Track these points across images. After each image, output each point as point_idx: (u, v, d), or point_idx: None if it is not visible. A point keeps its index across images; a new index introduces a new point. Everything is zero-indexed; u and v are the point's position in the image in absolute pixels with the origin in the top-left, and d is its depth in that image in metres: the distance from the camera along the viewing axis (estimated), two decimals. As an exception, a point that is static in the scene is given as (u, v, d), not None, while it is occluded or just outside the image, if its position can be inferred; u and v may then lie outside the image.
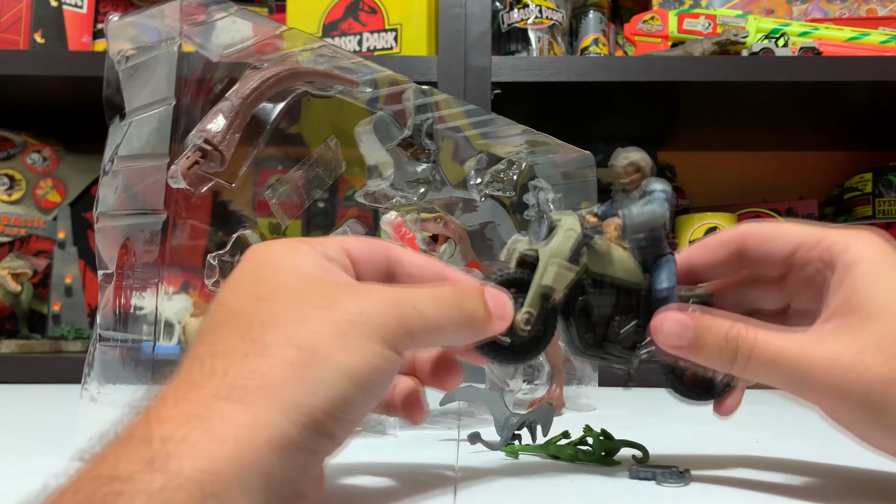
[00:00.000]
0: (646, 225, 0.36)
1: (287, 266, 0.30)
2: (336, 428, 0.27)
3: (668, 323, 0.35)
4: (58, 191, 1.18)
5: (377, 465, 0.42)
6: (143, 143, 0.46)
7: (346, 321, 0.28)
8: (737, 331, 0.34)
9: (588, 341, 0.37)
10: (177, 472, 0.22)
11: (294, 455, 0.25)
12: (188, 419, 0.24)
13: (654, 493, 0.36)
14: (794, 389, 0.33)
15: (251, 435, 0.24)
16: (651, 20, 1.06)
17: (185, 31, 0.46)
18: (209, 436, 0.23)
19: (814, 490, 0.37)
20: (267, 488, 0.24)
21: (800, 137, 1.24)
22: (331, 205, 1.07)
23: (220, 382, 0.25)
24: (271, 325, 0.27)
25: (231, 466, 0.23)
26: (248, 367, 0.26)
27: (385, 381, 0.29)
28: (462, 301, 0.32)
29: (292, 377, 0.26)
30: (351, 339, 0.27)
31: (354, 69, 0.54)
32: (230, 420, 0.24)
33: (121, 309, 0.46)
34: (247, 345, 0.27)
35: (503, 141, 0.71)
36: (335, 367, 0.26)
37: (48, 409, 0.71)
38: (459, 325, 0.32)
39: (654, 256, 0.38)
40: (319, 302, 0.28)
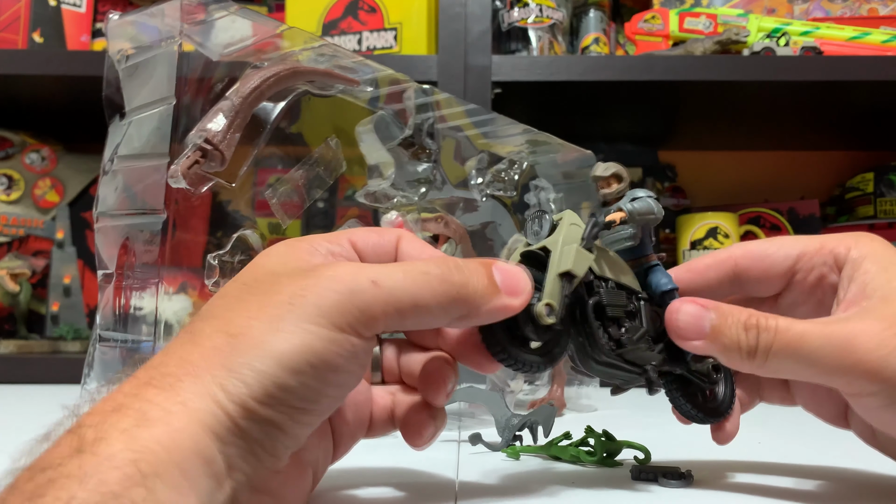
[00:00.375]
0: (645, 215, 0.35)
1: (267, 264, 0.29)
2: (276, 415, 0.25)
3: (685, 311, 0.33)
4: (56, 191, 1.18)
5: (378, 466, 0.41)
6: (142, 143, 0.46)
7: (283, 304, 0.26)
8: (756, 318, 0.32)
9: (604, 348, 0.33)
10: (109, 455, 0.21)
11: (236, 443, 0.24)
12: (117, 407, 0.23)
13: (656, 494, 0.36)
14: (820, 373, 0.32)
15: (180, 419, 0.23)
16: (652, 19, 1.06)
17: (185, 31, 0.45)
18: (138, 421, 0.23)
19: (815, 491, 0.37)
20: (212, 475, 0.23)
21: (801, 137, 1.24)
22: (331, 205, 1.07)
23: (153, 372, 0.25)
24: (212, 317, 0.27)
25: (165, 449, 0.22)
26: (178, 355, 0.26)
27: (337, 365, 0.26)
28: (451, 273, 0.29)
29: (219, 363, 0.25)
30: (286, 322, 0.26)
31: (355, 68, 0.54)
32: (158, 405, 0.24)
33: (120, 309, 0.46)
34: (184, 336, 0.27)
35: (504, 140, 0.71)
36: (264, 353, 0.25)
37: (47, 409, 0.71)
38: (446, 298, 0.28)
39: (645, 266, 0.37)
40: (266, 289, 0.27)
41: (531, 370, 0.32)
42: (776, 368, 0.32)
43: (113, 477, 0.21)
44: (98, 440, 0.22)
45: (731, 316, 0.33)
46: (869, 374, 0.31)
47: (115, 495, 0.20)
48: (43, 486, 0.20)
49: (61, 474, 0.20)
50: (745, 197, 1.25)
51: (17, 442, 0.26)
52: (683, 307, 0.34)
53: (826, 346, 0.31)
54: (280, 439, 0.26)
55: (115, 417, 0.23)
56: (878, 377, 0.30)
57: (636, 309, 0.36)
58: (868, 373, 0.31)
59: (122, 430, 0.22)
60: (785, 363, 0.32)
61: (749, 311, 0.33)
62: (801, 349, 0.31)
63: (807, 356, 0.31)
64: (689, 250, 1.08)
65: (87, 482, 0.20)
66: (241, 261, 0.48)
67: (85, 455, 0.21)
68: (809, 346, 0.31)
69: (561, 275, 0.32)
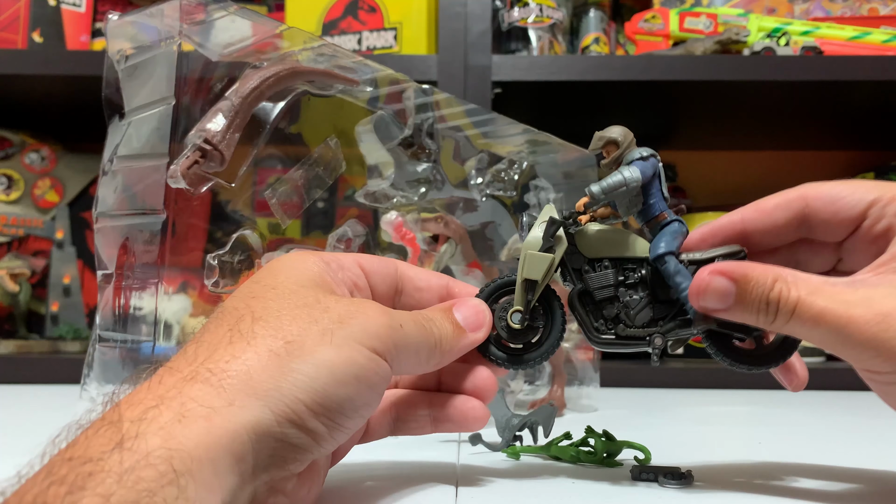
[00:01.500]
0: (612, 191, 0.35)
1: (286, 270, 0.31)
2: (316, 424, 0.26)
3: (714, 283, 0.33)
4: (56, 191, 1.18)
5: (378, 467, 0.41)
6: (142, 143, 0.45)
7: (335, 321, 0.28)
8: (778, 290, 0.32)
9: (599, 328, 0.36)
10: (146, 452, 0.22)
11: (269, 444, 0.25)
12: (160, 401, 0.24)
13: (656, 494, 0.35)
14: (836, 348, 0.32)
15: (224, 417, 0.24)
16: (652, 19, 1.06)
17: (185, 31, 0.45)
18: (179, 417, 0.23)
19: (815, 491, 0.37)
20: (239, 472, 0.24)
21: (801, 137, 1.24)
22: (331, 205, 1.07)
23: (199, 367, 0.26)
24: (261, 319, 0.28)
25: (201, 446, 0.23)
26: (230, 352, 0.26)
27: (373, 383, 0.29)
28: (431, 326, 0.33)
29: (275, 366, 0.26)
30: (337, 338, 0.28)
31: (354, 68, 0.54)
32: (201, 403, 0.24)
33: (120, 309, 0.46)
34: (233, 334, 0.27)
35: (504, 140, 0.71)
36: (317, 361, 0.27)
37: (46, 409, 0.71)
38: (431, 350, 0.33)
39: (657, 226, 0.37)
40: (312, 303, 0.29)
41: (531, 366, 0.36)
42: (797, 333, 0.33)
43: (149, 474, 0.21)
44: (137, 436, 0.22)
45: (757, 286, 0.33)
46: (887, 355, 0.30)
47: (150, 492, 0.21)
48: (83, 478, 0.21)
49: (101, 468, 0.21)
50: (746, 197, 1.23)
51: (16, 442, 0.26)
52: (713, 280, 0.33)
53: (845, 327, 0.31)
54: (311, 448, 0.27)
55: (154, 412, 0.23)
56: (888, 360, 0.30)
57: (640, 279, 0.37)
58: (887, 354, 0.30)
59: (160, 425, 0.23)
60: (803, 333, 0.33)
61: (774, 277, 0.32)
62: (819, 326, 0.31)
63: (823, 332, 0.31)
64: (689, 250, 1.08)
65: (124, 479, 0.21)
66: (240, 261, 0.48)
67: (124, 451, 0.22)
68: (827, 325, 0.31)
69: (523, 281, 0.36)
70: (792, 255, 0.38)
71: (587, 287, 0.36)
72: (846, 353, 0.32)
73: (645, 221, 0.37)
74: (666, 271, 0.36)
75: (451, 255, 0.62)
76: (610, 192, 0.36)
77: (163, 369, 0.26)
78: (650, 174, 0.36)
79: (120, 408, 0.24)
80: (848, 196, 0.35)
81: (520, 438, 0.45)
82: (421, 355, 0.32)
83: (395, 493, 0.35)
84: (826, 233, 0.37)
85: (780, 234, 0.37)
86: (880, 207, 0.34)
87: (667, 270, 0.36)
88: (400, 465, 0.42)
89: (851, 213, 0.35)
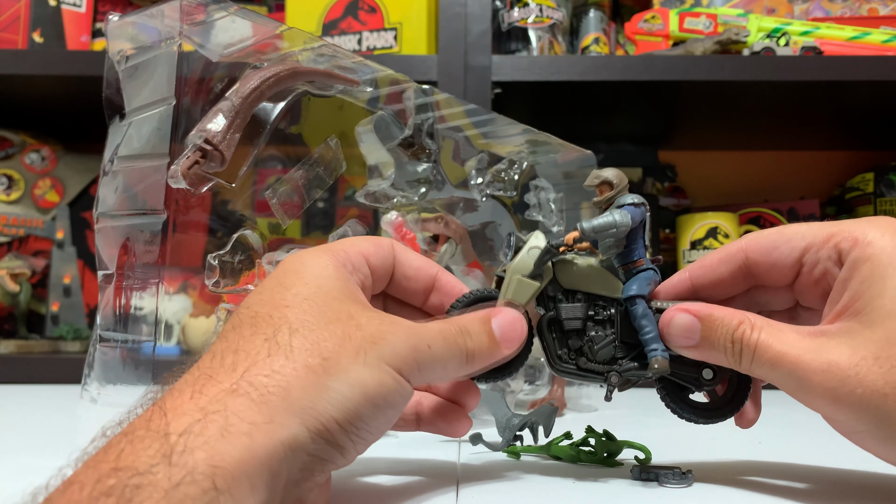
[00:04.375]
0: (602, 231, 0.37)
1: (310, 276, 0.32)
2: (345, 440, 0.27)
3: (677, 321, 0.36)
4: (56, 191, 1.18)
5: (379, 466, 0.41)
6: (143, 143, 0.45)
7: (368, 341, 0.29)
8: (742, 331, 0.34)
9: (562, 357, 0.38)
10: (191, 468, 0.22)
11: (302, 460, 0.26)
12: (204, 413, 0.24)
13: (657, 494, 0.36)
14: (794, 394, 0.33)
15: (265, 435, 0.24)
16: (652, 19, 1.06)
17: (185, 31, 0.45)
18: (223, 431, 0.24)
19: (815, 491, 0.37)
20: (272, 488, 0.25)
21: (801, 137, 1.24)
22: (331, 205, 1.07)
23: (240, 379, 0.26)
24: (298, 332, 0.28)
25: (241, 463, 0.23)
26: (270, 367, 0.27)
27: (396, 403, 0.30)
28: (466, 340, 0.33)
29: (312, 383, 0.27)
30: (370, 358, 0.29)
31: (354, 68, 0.54)
32: (245, 418, 0.24)
33: (121, 309, 0.46)
34: (271, 346, 0.28)
35: (504, 140, 0.71)
36: (352, 380, 0.27)
37: (47, 409, 0.71)
38: (460, 363, 0.33)
39: (633, 271, 0.38)
40: (345, 319, 0.30)
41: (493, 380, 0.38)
42: (761, 376, 0.34)
43: (193, 491, 0.22)
44: (185, 451, 0.23)
45: (721, 326, 0.35)
46: (837, 404, 0.31)
47: None
48: (131, 490, 0.21)
49: (149, 482, 0.22)
50: (745, 197, 1.25)
51: (17, 442, 0.26)
52: (676, 317, 0.36)
53: (798, 372, 0.32)
54: (337, 461, 0.28)
55: (200, 426, 0.24)
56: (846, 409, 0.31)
57: (610, 317, 0.38)
58: (837, 404, 0.31)
59: (205, 440, 0.23)
60: (766, 374, 0.34)
61: (739, 319, 0.34)
62: (776, 370, 0.33)
63: (781, 377, 0.33)
64: (689, 250, 1.08)
65: (170, 495, 0.22)
66: (240, 261, 0.48)
67: (173, 467, 0.22)
68: (783, 369, 0.32)
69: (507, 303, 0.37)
70: (750, 299, 0.40)
71: (558, 316, 0.38)
72: (804, 400, 0.33)
73: (622, 264, 0.39)
74: (634, 312, 0.37)
75: (452, 255, 0.62)
76: (600, 231, 0.37)
77: (201, 376, 0.27)
78: (638, 221, 0.38)
79: (166, 416, 0.24)
80: (783, 245, 0.36)
81: (520, 438, 0.45)
82: (449, 369, 0.33)
83: (395, 492, 0.35)
84: (771, 280, 0.38)
85: (729, 286, 0.39)
86: (814, 253, 0.35)
87: (635, 312, 0.37)
88: (401, 465, 0.42)
89: (788, 262, 0.36)
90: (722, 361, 0.35)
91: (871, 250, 0.32)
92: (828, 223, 0.36)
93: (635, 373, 0.37)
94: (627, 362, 0.38)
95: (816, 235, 0.35)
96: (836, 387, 0.31)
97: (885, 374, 0.30)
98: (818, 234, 0.35)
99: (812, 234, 0.35)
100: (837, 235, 0.34)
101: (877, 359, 0.30)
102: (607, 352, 0.38)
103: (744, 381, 0.39)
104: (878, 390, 0.30)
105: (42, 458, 0.44)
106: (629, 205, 0.37)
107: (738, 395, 0.38)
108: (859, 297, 0.32)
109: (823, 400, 0.32)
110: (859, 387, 0.30)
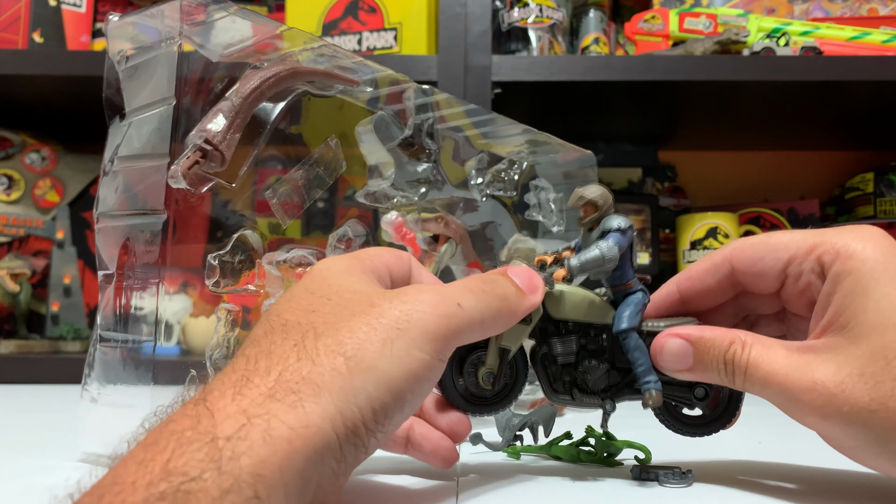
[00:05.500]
0: (591, 268, 0.37)
1: (336, 278, 0.32)
2: (370, 439, 0.27)
3: (668, 347, 0.36)
4: (56, 191, 1.18)
5: (379, 466, 0.41)
6: (143, 144, 0.45)
7: (392, 328, 0.29)
8: (733, 351, 0.34)
9: (557, 389, 0.39)
10: (237, 476, 0.23)
11: (330, 464, 0.26)
12: (248, 417, 0.24)
13: (657, 493, 0.36)
14: (786, 411, 0.34)
15: (302, 441, 0.25)
16: (652, 19, 1.06)
17: (185, 31, 0.45)
18: (265, 436, 0.24)
19: (815, 491, 0.37)
20: (300, 491, 0.25)
21: (801, 137, 1.24)
22: (331, 205, 1.07)
23: (275, 384, 0.26)
24: (322, 335, 0.28)
25: (281, 472, 0.24)
26: (300, 372, 0.27)
27: (423, 390, 0.30)
28: (494, 287, 0.33)
29: (339, 387, 0.26)
30: (396, 348, 0.28)
31: (354, 69, 0.54)
32: (285, 424, 0.25)
33: (121, 309, 0.46)
34: (299, 350, 0.28)
35: (504, 140, 0.71)
36: (378, 377, 0.27)
37: (47, 409, 0.71)
38: (499, 311, 0.33)
39: (622, 293, 0.38)
40: (367, 309, 0.29)
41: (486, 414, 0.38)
42: (756, 393, 0.35)
43: (238, 500, 0.22)
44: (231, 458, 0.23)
45: (713, 348, 0.35)
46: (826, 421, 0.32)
47: None
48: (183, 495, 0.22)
49: (200, 488, 0.22)
50: (745, 197, 1.25)
51: (17, 442, 0.26)
52: (668, 343, 0.36)
53: (787, 391, 0.32)
54: (360, 459, 0.28)
55: (246, 430, 0.24)
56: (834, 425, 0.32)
57: (602, 346, 0.39)
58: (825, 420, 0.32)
59: (249, 445, 0.23)
60: (760, 392, 0.34)
61: (730, 340, 0.35)
62: (766, 388, 0.33)
63: (771, 395, 0.34)
64: (689, 250, 1.08)
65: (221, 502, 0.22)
66: (240, 261, 0.48)
67: (223, 474, 0.22)
68: (773, 388, 0.33)
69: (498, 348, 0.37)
70: (739, 305, 0.40)
71: (551, 352, 0.38)
72: (796, 417, 0.33)
73: (611, 286, 0.39)
74: (626, 346, 0.37)
75: (452, 255, 0.62)
76: (588, 267, 0.37)
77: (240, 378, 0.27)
78: (626, 247, 0.37)
79: (214, 418, 0.24)
80: (767, 256, 0.36)
81: (520, 438, 0.45)
82: (487, 323, 0.32)
83: (395, 492, 0.35)
84: (757, 288, 0.38)
85: (716, 295, 0.39)
86: (797, 265, 0.35)
87: (627, 345, 0.37)
88: (401, 465, 0.42)
89: (773, 273, 0.36)
90: (716, 381, 0.36)
91: (853, 263, 0.32)
92: (811, 232, 0.35)
93: (629, 399, 0.39)
94: (621, 389, 0.39)
95: (800, 246, 0.35)
96: (823, 405, 0.31)
97: (871, 391, 0.30)
98: (801, 245, 0.35)
99: (795, 245, 0.35)
100: (820, 247, 0.34)
101: (861, 375, 0.31)
102: (601, 381, 0.39)
103: (735, 393, 0.39)
104: (864, 407, 0.30)
105: (42, 458, 0.44)
106: (616, 231, 0.37)
107: (730, 408, 0.39)
108: (843, 312, 0.32)
109: (812, 418, 0.32)
110: (846, 405, 0.31)
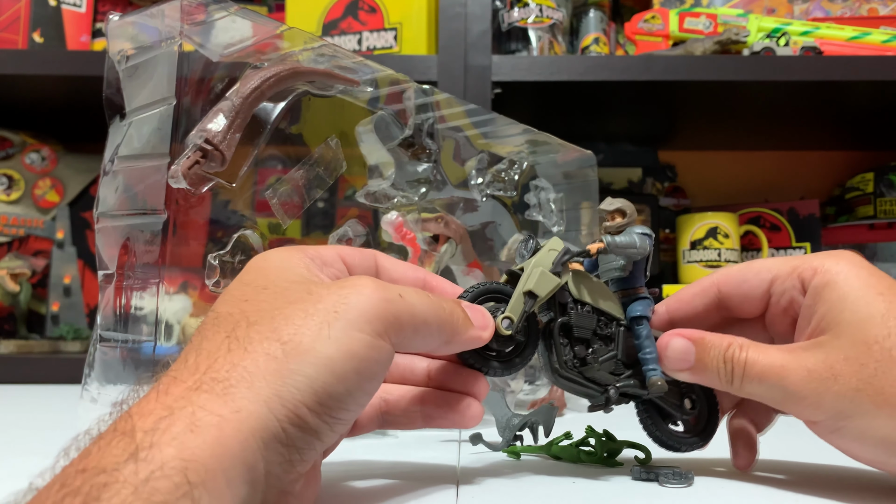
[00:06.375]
0: (625, 248, 0.39)
1: (273, 269, 0.31)
2: (320, 424, 0.27)
3: (673, 345, 0.38)
4: (56, 191, 1.18)
5: (378, 467, 0.41)
6: (143, 143, 0.45)
7: (329, 311, 0.28)
8: (732, 351, 0.37)
9: (567, 363, 0.38)
10: (161, 463, 0.22)
11: (278, 450, 0.25)
12: (170, 411, 0.24)
13: (657, 493, 0.36)
14: (780, 402, 0.36)
15: (233, 426, 0.24)
16: (652, 19, 1.06)
17: (185, 31, 0.45)
18: (190, 426, 0.23)
19: (815, 491, 0.37)
20: (251, 481, 0.24)
21: (801, 137, 1.24)
22: (331, 205, 1.07)
23: (202, 376, 0.26)
24: (256, 324, 0.28)
25: (214, 457, 0.23)
26: (230, 361, 0.26)
27: (374, 372, 0.29)
28: (442, 301, 0.33)
29: (274, 370, 0.26)
30: (334, 330, 0.27)
31: (355, 68, 0.54)
32: (210, 412, 0.24)
33: (121, 309, 0.46)
34: (231, 342, 0.27)
35: (504, 140, 0.71)
36: (317, 360, 0.26)
37: (47, 409, 0.71)
38: (442, 319, 0.32)
39: (631, 298, 0.40)
40: (304, 296, 0.29)
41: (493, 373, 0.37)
42: (750, 393, 0.37)
43: (164, 486, 0.21)
44: (152, 446, 0.22)
45: (713, 348, 0.38)
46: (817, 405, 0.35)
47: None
48: (98, 489, 0.21)
49: (116, 479, 0.21)
50: (745, 197, 1.25)
51: (17, 442, 0.26)
52: (672, 341, 0.38)
53: (783, 381, 0.35)
54: (315, 447, 0.27)
55: (167, 422, 0.23)
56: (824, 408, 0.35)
57: (612, 334, 0.40)
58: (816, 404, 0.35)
59: (173, 436, 0.23)
60: (755, 392, 0.37)
61: (728, 342, 0.37)
62: (764, 383, 0.36)
63: (768, 388, 0.36)
64: (689, 250, 1.08)
65: (140, 490, 0.21)
66: (241, 261, 0.48)
67: (140, 462, 0.22)
68: (770, 380, 0.36)
69: (525, 293, 0.36)
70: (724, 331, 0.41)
71: (570, 321, 0.38)
72: (789, 407, 0.36)
73: (622, 289, 0.41)
74: (638, 332, 0.39)
75: (452, 255, 0.62)
76: (622, 248, 0.39)
77: (166, 378, 0.26)
78: (649, 251, 0.40)
79: (132, 418, 0.24)
80: (752, 278, 0.40)
81: (520, 438, 0.45)
82: (431, 327, 0.31)
83: (395, 492, 0.35)
84: (743, 311, 0.41)
85: (704, 319, 0.42)
86: (780, 284, 0.39)
87: (639, 332, 0.39)
88: (400, 465, 0.42)
89: (758, 293, 0.40)
90: (714, 382, 0.38)
91: (830, 276, 0.36)
92: (791, 258, 0.40)
93: (633, 390, 0.39)
94: (625, 378, 0.39)
95: (781, 268, 0.39)
96: (816, 388, 0.34)
97: (857, 373, 0.34)
98: (783, 268, 0.39)
99: (777, 268, 0.39)
100: (800, 267, 0.38)
101: (846, 359, 0.34)
102: (609, 365, 0.39)
103: (713, 415, 0.42)
104: (852, 387, 0.34)
105: (42, 458, 0.44)
106: (641, 234, 0.39)
107: (709, 427, 0.41)
108: (824, 318, 0.36)
109: (806, 401, 0.35)
110: (835, 384, 0.34)
